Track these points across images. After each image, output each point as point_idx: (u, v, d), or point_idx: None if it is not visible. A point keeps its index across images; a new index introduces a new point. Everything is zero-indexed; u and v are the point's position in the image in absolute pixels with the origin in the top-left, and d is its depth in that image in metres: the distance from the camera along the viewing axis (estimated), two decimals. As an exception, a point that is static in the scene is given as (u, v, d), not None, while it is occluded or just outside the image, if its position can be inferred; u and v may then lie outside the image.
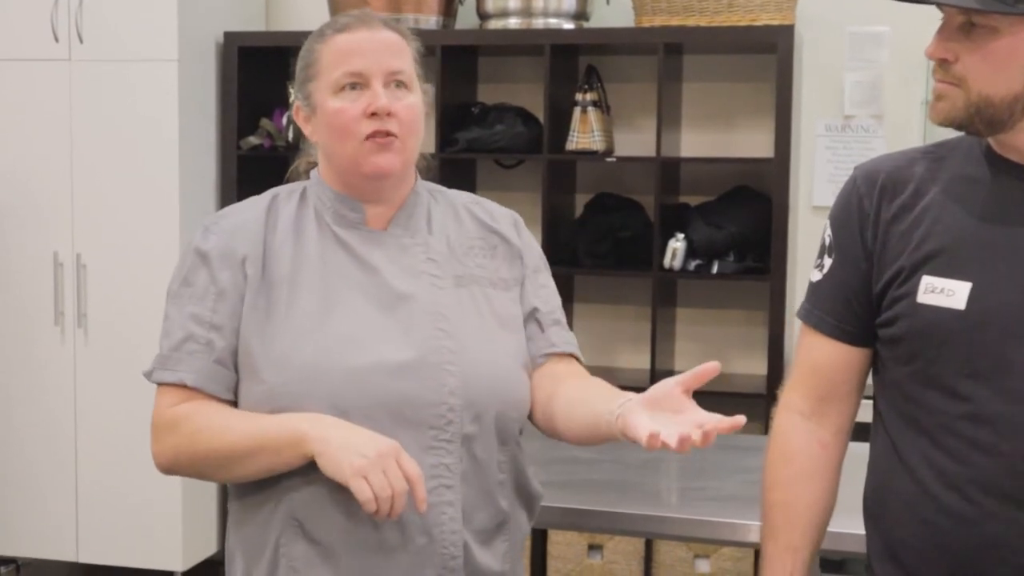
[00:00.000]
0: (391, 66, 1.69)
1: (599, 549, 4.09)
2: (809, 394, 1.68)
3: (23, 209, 4.20)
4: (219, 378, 1.66)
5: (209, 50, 4.29)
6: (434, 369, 1.63)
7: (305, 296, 1.65)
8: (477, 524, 1.67)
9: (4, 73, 4.18)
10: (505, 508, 1.71)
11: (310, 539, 1.63)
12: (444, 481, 1.63)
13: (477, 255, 1.76)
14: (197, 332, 1.66)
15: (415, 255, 1.72)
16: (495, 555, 1.70)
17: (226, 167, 4.36)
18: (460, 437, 1.64)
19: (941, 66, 1.53)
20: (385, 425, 1.60)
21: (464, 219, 1.79)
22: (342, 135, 1.67)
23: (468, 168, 4.46)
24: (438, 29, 4.26)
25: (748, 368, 4.31)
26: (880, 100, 4.16)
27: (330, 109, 1.68)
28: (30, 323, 4.22)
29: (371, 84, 1.67)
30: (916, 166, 1.61)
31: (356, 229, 1.72)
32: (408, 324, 1.66)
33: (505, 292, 1.75)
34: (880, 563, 1.63)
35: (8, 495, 4.28)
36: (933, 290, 1.53)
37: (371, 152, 1.67)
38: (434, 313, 1.67)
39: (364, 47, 1.69)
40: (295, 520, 1.63)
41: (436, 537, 1.62)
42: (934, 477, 1.54)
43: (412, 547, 1.62)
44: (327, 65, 1.69)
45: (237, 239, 1.69)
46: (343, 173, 1.71)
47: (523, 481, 1.77)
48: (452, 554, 1.63)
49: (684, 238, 4.06)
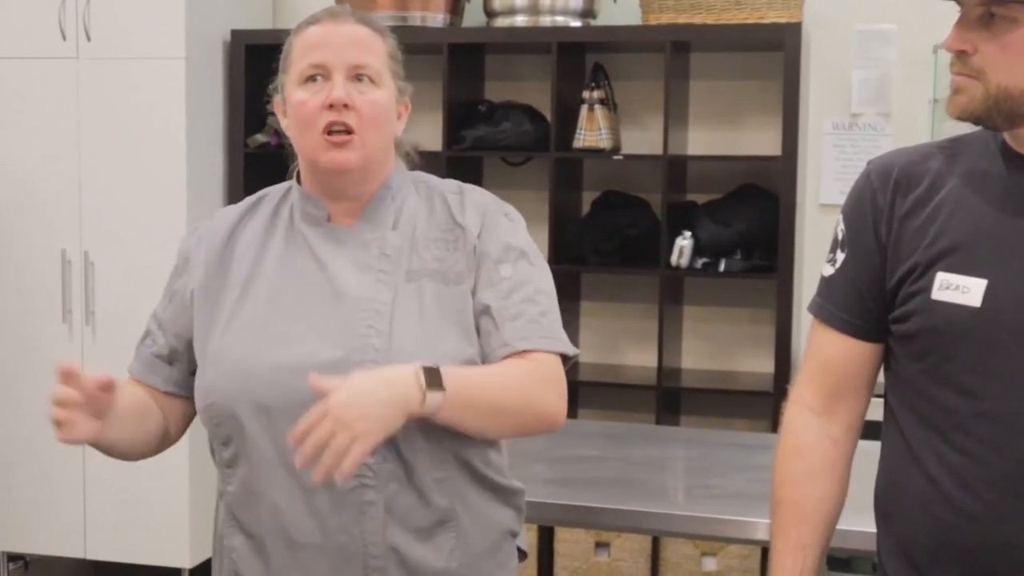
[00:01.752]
0: (354, 59, 1.68)
1: (606, 547, 4.09)
2: (820, 390, 1.67)
3: (31, 207, 4.20)
4: (157, 370, 1.79)
5: (216, 48, 4.29)
6: (355, 367, 1.60)
7: (254, 297, 1.70)
8: (412, 522, 1.66)
9: (12, 71, 4.18)
10: (444, 505, 1.68)
11: (244, 532, 1.70)
12: (365, 481, 1.63)
13: (438, 248, 1.72)
14: (152, 328, 1.82)
15: (370, 250, 1.71)
16: (438, 552, 1.68)
17: (233, 164, 4.37)
18: None
19: (959, 58, 1.52)
20: None
21: (437, 211, 1.77)
22: (303, 126, 1.68)
23: (475, 166, 4.46)
24: (445, 27, 4.26)
25: (755, 366, 4.31)
26: (887, 98, 4.16)
27: (294, 100, 1.69)
28: (38, 320, 4.23)
29: (332, 76, 1.67)
30: (931, 161, 1.60)
31: (320, 226, 1.73)
32: (342, 322, 1.66)
33: (458, 286, 1.70)
34: (891, 561, 1.62)
35: (16, 492, 4.29)
36: (948, 287, 1.52)
37: (328, 147, 1.66)
38: (368, 310, 1.66)
39: (328, 40, 1.69)
40: (231, 513, 1.71)
41: (357, 537, 1.64)
42: (946, 475, 1.53)
43: (334, 544, 1.64)
44: (295, 57, 1.71)
45: (200, 244, 1.78)
46: (306, 166, 1.73)
47: (482, 475, 1.72)
48: (374, 553, 1.64)
49: (691, 236, 4.06)
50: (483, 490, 1.74)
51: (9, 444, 4.28)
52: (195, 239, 1.79)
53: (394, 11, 4.19)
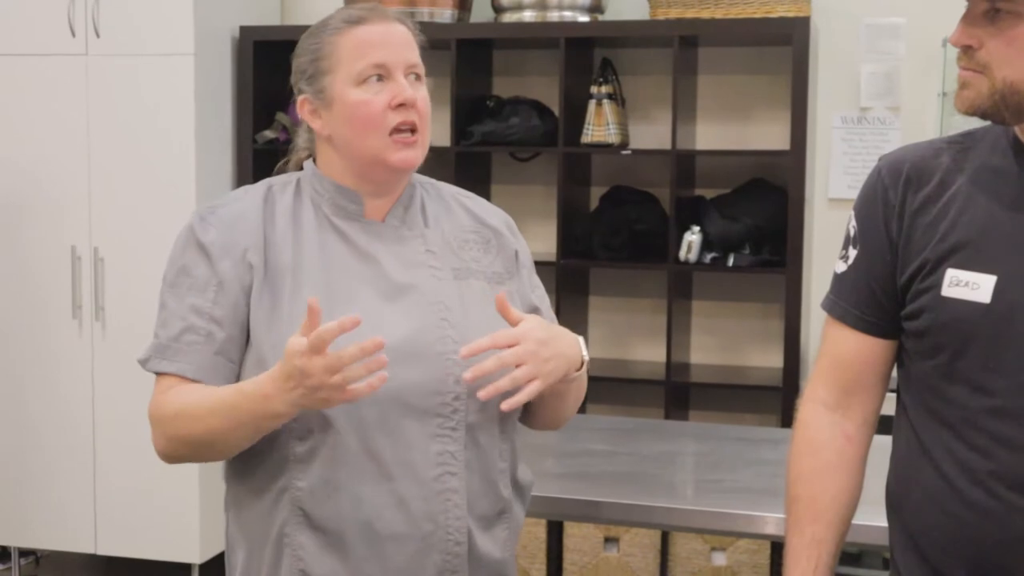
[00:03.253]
0: (410, 59, 1.71)
1: (615, 542, 4.09)
2: (833, 386, 1.67)
3: (41, 203, 4.21)
4: (220, 370, 1.66)
5: (225, 44, 4.30)
6: (439, 358, 1.65)
7: (309, 285, 1.65)
8: (480, 511, 1.69)
9: (21, 68, 4.19)
10: (506, 496, 1.74)
11: (316, 528, 1.64)
12: (449, 468, 1.65)
13: (472, 249, 1.77)
14: (197, 324, 1.66)
15: (414, 247, 1.73)
16: (496, 542, 1.73)
17: (242, 161, 4.38)
18: (465, 425, 1.66)
19: (965, 53, 1.52)
20: (391, 412, 1.62)
21: (456, 212, 1.80)
22: (366, 127, 1.67)
23: (483, 161, 4.46)
24: (453, 22, 4.26)
25: (764, 361, 4.30)
26: (896, 92, 4.15)
27: (352, 100, 1.67)
28: (48, 316, 4.24)
29: (394, 76, 1.68)
30: (942, 157, 1.60)
31: (355, 220, 1.72)
32: (411, 314, 1.67)
33: (500, 286, 1.76)
34: (902, 555, 1.62)
35: (27, 488, 4.31)
36: (958, 283, 1.52)
37: (398, 147, 1.68)
38: (436, 303, 1.68)
39: (386, 39, 1.69)
40: (300, 510, 1.64)
41: (441, 524, 1.64)
42: (958, 471, 1.53)
43: (418, 533, 1.64)
44: (347, 56, 1.69)
45: (237, 229, 1.69)
46: (362, 164, 1.71)
47: (516, 472, 1.79)
48: (456, 540, 1.65)
49: (700, 231, 4.06)
50: (515, 484, 1.78)
51: (20, 440, 4.30)
52: (219, 225, 1.69)
53: (402, 6, 4.18)
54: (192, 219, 1.73)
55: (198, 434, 1.62)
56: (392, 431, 1.62)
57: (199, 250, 1.69)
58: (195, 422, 1.62)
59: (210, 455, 1.66)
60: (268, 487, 1.66)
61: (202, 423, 1.61)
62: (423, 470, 1.63)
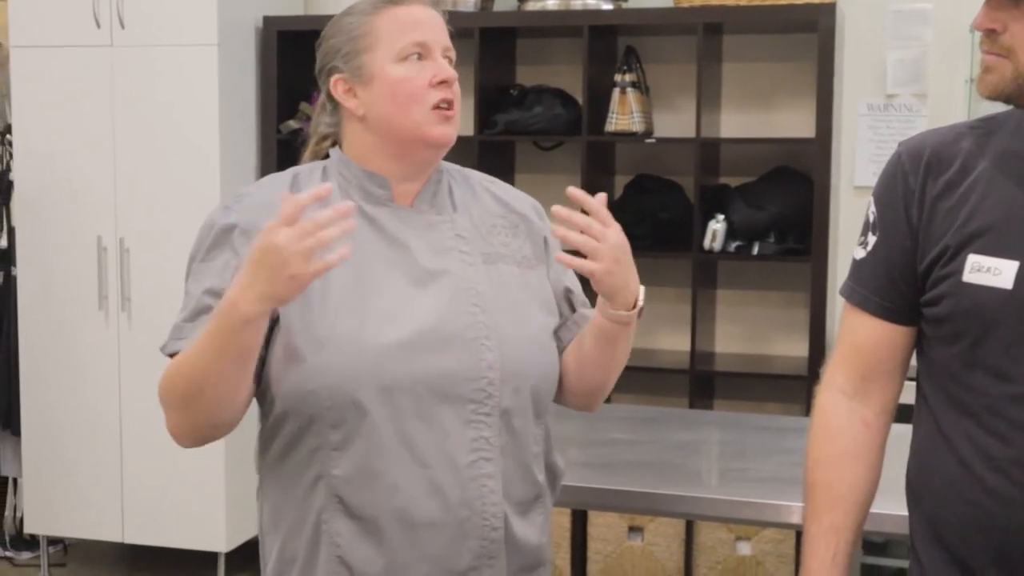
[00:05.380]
0: (446, 42, 1.74)
1: (639, 531, 4.09)
2: (852, 373, 1.66)
3: (67, 194, 4.24)
4: None
5: (249, 35, 4.30)
6: (472, 344, 1.65)
7: (337, 274, 1.63)
8: (515, 496, 1.69)
9: (47, 59, 4.22)
10: (541, 481, 1.74)
11: (352, 515, 1.63)
12: (484, 454, 1.65)
13: (500, 234, 1.77)
14: (212, 304, 1.62)
15: (443, 232, 1.73)
16: (533, 527, 1.73)
17: (266, 151, 4.39)
18: (499, 411, 1.66)
19: (988, 37, 1.50)
20: (426, 399, 1.62)
21: (483, 198, 1.80)
22: (408, 102, 1.68)
23: (507, 150, 4.46)
24: (477, 11, 4.25)
25: (789, 350, 4.29)
26: (923, 78, 4.12)
27: (394, 77, 1.69)
28: (74, 307, 4.27)
29: (433, 55, 1.71)
30: (963, 141, 1.58)
31: (384, 206, 1.72)
32: (443, 300, 1.66)
33: (529, 271, 1.77)
34: (923, 544, 1.61)
35: (55, 478, 4.34)
36: (979, 269, 1.50)
37: (437, 122, 1.69)
38: (468, 289, 1.68)
39: (426, 20, 1.73)
40: (337, 497, 1.63)
41: (478, 509, 1.64)
42: (979, 458, 1.52)
43: (454, 520, 1.63)
44: (387, 35, 1.70)
45: (262, 215, 1.64)
46: (401, 141, 1.70)
47: (550, 457, 1.80)
48: (493, 525, 1.65)
49: (724, 219, 4.04)
50: (547, 469, 1.79)
51: (47, 430, 4.33)
52: (244, 211, 1.68)
53: (425, -4, 4.18)
54: (216, 209, 1.74)
55: (187, 384, 1.58)
56: (426, 417, 1.62)
57: (220, 235, 1.68)
58: (181, 374, 1.58)
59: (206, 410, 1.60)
60: (303, 475, 1.66)
61: (188, 370, 1.57)
62: (458, 456, 1.63)
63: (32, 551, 4.60)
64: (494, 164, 4.28)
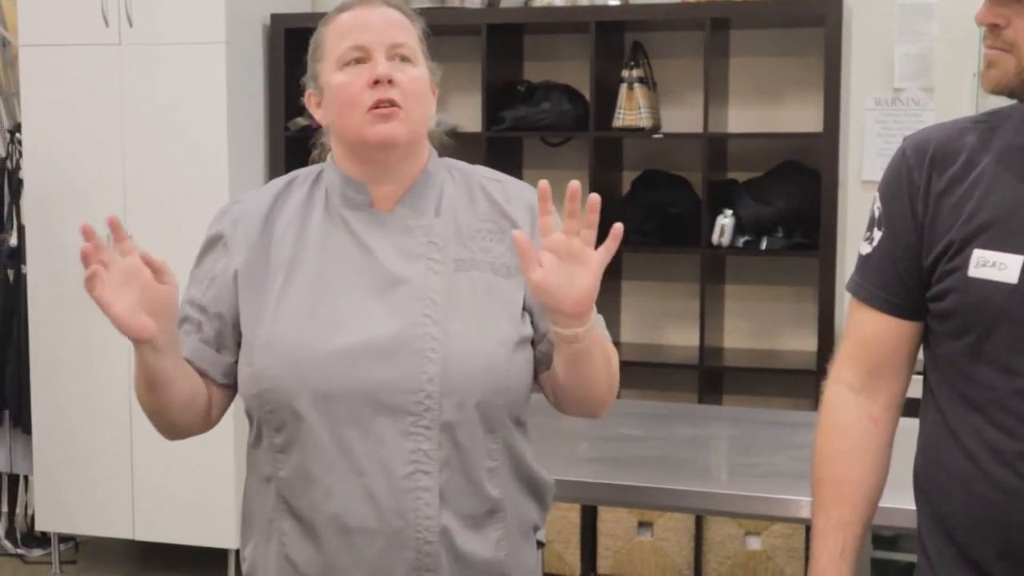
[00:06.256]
0: (392, 39, 1.70)
1: (649, 526, 4.10)
2: (859, 368, 1.67)
3: (76, 192, 4.25)
4: (207, 358, 1.73)
5: (256, 32, 4.31)
6: (414, 355, 1.64)
7: (300, 281, 1.69)
8: (464, 510, 1.68)
9: (56, 58, 4.23)
10: (495, 495, 1.71)
11: (295, 517, 1.69)
12: (422, 467, 1.64)
13: (484, 239, 1.74)
14: (191, 314, 1.75)
15: (416, 237, 1.72)
16: (486, 541, 1.71)
17: (274, 148, 4.40)
18: (439, 424, 1.64)
19: (992, 32, 1.50)
20: (364, 410, 1.63)
21: (478, 199, 1.78)
22: (347, 107, 1.68)
23: (514, 146, 4.46)
24: (483, 7, 4.26)
25: (798, 345, 4.29)
26: (930, 73, 4.11)
27: (335, 84, 1.70)
28: (84, 305, 4.23)
29: (373, 56, 1.69)
30: (967, 136, 1.58)
31: (362, 211, 1.73)
32: (396, 309, 1.67)
33: (506, 279, 1.72)
34: (931, 539, 1.61)
35: (66, 475, 4.35)
36: (984, 264, 1.50)
37: (375, 121, 1.67)
38: (423, 299, 1.68)
39: (365, 22, 1.71)
40: (282, 498, 1.70)
41: (411, 521, 1.64)
42: (986, 453, 1.52)
43: (388, 529, 1.64)
44: (331, 43, 1.72)
45: (237, 226, 1.74)
46: (350, 147, 1.72)
47: (524, 469, 1.77)
48: (426, 539, 1.65)
49: (732, 214, 4.05)
50: (523, 483, 1.77)
51: (58, 428, 4.34)
52: (228, 221, 1.76)
53: (432, -7, 4.19)
54: (217, 212, 1.81)
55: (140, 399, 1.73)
56: (364, 426, 1.64)
57: (208, 244, 1.78)
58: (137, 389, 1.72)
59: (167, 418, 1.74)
60: (261, 473, 1.74)
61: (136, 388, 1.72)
62: (394, 467, 1.63)
63: (43, 548, 4.62)
64: (501, 160, 4.29)
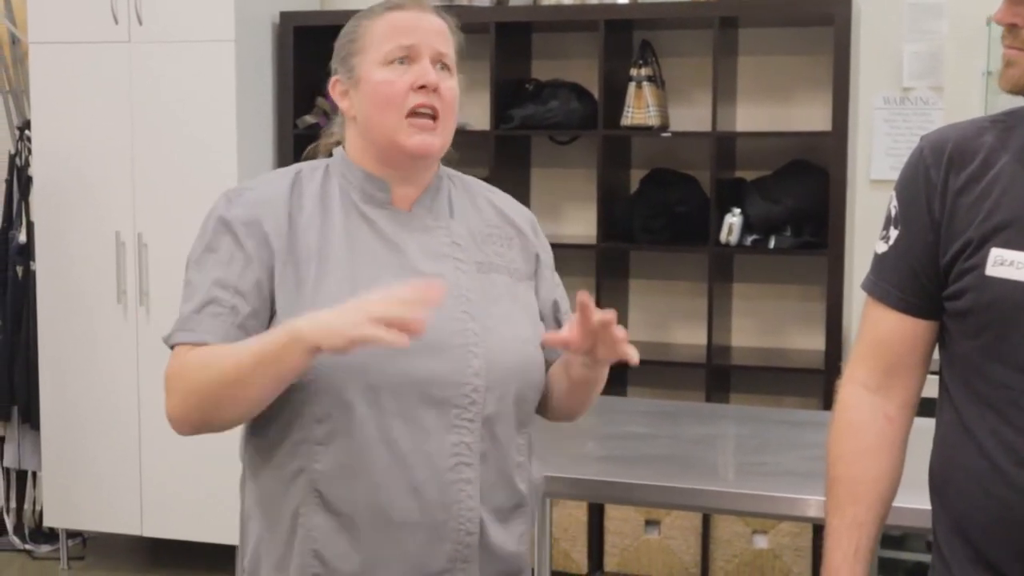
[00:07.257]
0: (439, 47, 1.72)
1: (656, 524, 4.10)
2: (874, 367, 1.66)
3: (85, 190, 4.26)
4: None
5: (265, 30, 4.32)
6: (459, 350, 1.66)
7: (333, 271, 1.67)
8: (495, 503, 1.71)
9: (65, 55, 4.24)
10: (523, 490, 1.75)
11: (330, 511, 1.66)
12: (464, 459, 1.66)
13: (495, 243, 1.79)
14: (221, 296, 1.66)
15: (439, 238, 1.74)
16: (511, 535, 1.74)
17: (283, 146, 4.40)
18: (482, 417, 1.67)
19: (1010, 31, 1.50)
20: (412, 402, 1.64)
21: (482, 207, 1.82)
22: (386, 105, 1.69)
23: (523, 145, 4.46)
24: (492, 6, 4.26)
25: (806, 344, 4.28)
26: (940, 71, 4.11)
27: (376, 79, 1.70)
28: (93, 301, 4.29)
29: (420, 60, 1.70)
30: (985, 135, 1.58)
31: (382, 208, 1.73)
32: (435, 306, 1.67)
33: (519, 283, 1.79)
34: (947, 538, 1.61)
35: (74, 471, 4.37)
36: (1002, 262, 1.50)
37: (414, 131, 1.69)
38: (458, 296, 1.69)
39: (418, 25, 1.72)
40: (316, 491, 1.66)
41: (454, 513, 1.66)
42: (1002, 452, 1.51)
43: (430, 522, 1.65)
44: (377, 38, 1.71)
45: (262, 212, 1.70)
46: (380, 146, 1.72)
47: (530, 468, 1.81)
48: (468, 530, 1.67)
49: (740, 213, 4.04)
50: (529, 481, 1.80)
51: (66, 424, 4.35)
52: (246, 206, 1.71)
53: (441, -10, 4.19)
54: (219, 200, 1.76)
55: (216, 385, 1.60)
56: (410, 419, 1.64)
57: (225, 227, 1.71)
58: (209, 373, 1.60)
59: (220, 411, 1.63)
60: (286, 467, 1.68)
61: (218, 374, 1.59)
62: (439, 459, 1.65)
63: (51, 544, 4.63)
64: (510, 159, 4.29)
